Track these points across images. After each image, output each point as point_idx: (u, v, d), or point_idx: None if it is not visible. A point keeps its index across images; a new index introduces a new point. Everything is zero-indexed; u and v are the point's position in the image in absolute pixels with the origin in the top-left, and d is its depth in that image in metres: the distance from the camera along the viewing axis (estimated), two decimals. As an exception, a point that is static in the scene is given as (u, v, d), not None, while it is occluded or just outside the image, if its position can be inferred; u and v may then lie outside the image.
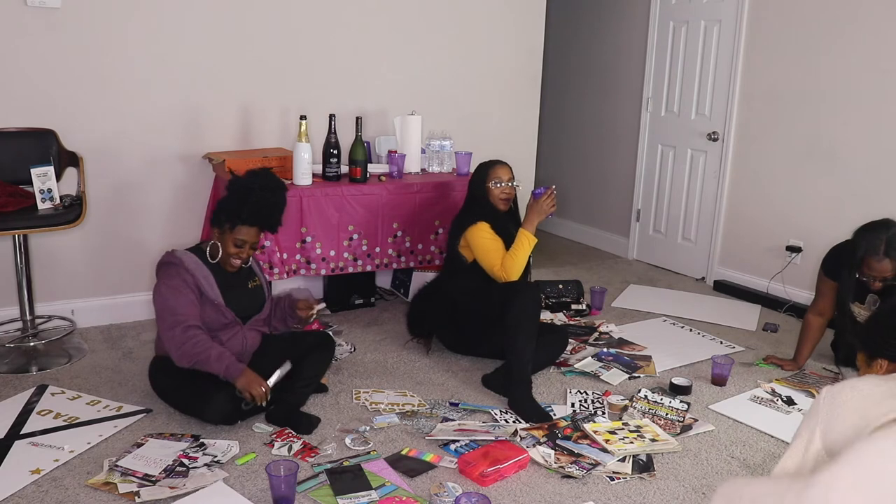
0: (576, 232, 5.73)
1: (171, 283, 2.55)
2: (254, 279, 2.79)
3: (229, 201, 2.61)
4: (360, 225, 3.52)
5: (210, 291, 2.59)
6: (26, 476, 2.28)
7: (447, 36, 4.18)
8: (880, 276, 2.93)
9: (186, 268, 2.56)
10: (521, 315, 2.93)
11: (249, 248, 2.64)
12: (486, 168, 3.27)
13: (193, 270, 2.57)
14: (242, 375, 2.50)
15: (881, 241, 2.89)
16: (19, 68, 3.18)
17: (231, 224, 2.58)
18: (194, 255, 2.62)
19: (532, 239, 3.14)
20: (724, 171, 4.57)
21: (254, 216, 2.60)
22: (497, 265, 3.11)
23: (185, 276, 2.55)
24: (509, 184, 3.23)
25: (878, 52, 3.79)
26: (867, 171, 3.90)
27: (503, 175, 3.23)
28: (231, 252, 2.61)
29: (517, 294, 2.98)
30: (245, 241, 2.61)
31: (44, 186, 3.00)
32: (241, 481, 2.29)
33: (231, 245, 2.61)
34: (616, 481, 2.38)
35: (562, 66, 5.66)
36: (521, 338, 2.90)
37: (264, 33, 3.66)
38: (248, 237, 2.61)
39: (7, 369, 3.04)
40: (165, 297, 2.53)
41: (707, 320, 3.98)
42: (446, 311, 3.24)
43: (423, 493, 2.26)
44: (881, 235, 2.91)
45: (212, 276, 2.61)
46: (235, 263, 2.64)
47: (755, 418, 2.86)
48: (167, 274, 2.58)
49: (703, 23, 4.61)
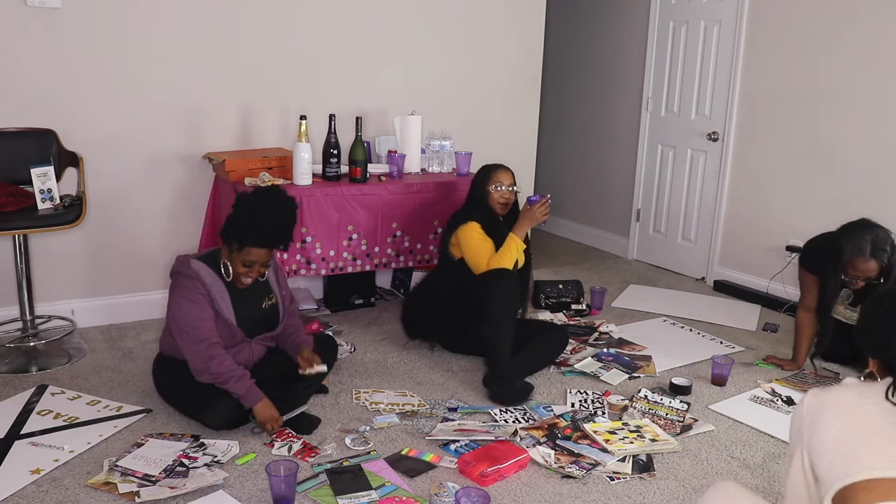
0: (576, 232, 5.73)
1: (190, 296, 2.50)
2: (270, 296, 2.72)
3: (236, 221, 2.52)
4: (359, 225, 3.52)
5: (225, 310, 2.55)
6: (26, 476, 2.28)
7: (447, 36, 4.18)
8: (864, 276, 2.97)
9: (203, 282, 2.52)
10: (497, 302, 2.97)
11: (261, 267, 2.57)
12: (489, 171, 3.28)
13: (210, 287, 2.53)
14: (260, 405, 2.48)
15: (867, 243, 2.93)
16: (19, 68, 3.18)
17: (239, 245, 2.52)
18: (210, 270, 2.56)
19: (520, 244, 3.16)
20: (724, 171, 4.57)
21: (262, 239, 2.51)
22: (483, 265, 3.14)
23: (203, 290, 2.51)
24: (510, 189, 3.25)
25: (878, 52, 3.79)
26: (867, 171, 3.90)
27: (504, 179, 3.25)
28: (241, 272, 2.55)
29: (492, 282, 3.01)
30: (254, 261, 2.53)
31: (44, 186, 3.00)
32: (241, 481, 2.29)
33: (240, 265, 2.54)
34: (616, 481, 2.38)
35: (562, 66, 5.66)
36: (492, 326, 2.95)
37: (264, 33, 3.66)
38: (257, 258, 2.53)
39: (7, 369, 3.04)
40: (186, 311, 2.49)
41: (707, 320, 3.98)
42: (434, 308, 3.26)
43: (423, 493, 2.26)
44: (866, 236, 2.94)
45: (227, 293, 2.56)
46: (246, 282, 2.59)
47: (755, 418, 2.86)
48: (185, 286, 2.53)
49: (703, 23, 4.61)
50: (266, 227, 2.51)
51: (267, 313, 2.72)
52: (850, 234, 2.99)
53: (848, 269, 2.98)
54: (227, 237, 2.54)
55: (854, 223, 3.03)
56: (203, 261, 2.59)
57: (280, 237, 2.57)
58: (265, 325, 2.72)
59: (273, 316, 2.74)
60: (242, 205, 2.54)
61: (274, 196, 2.57)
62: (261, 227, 2.50)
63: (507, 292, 3.03)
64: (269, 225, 2.51)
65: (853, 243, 2.95)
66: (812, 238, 3.29)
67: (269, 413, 2.50)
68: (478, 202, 3.27)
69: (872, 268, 2.94)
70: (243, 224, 2.50)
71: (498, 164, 3.33)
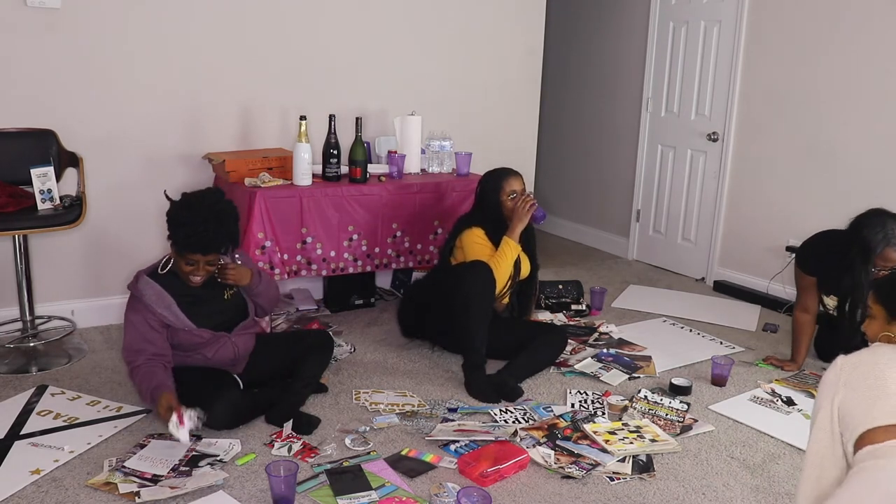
0: (576, 232, 5.73)
1: (128, 315, 2.51)
2: (231, 287, 2.67)
3: (168, 227, 2.46)
4: (360, 225, 3.52)
5: (175, 321, 2.51)
6: (26, 476, 2.28)
7: (447, 36, 4.18)
8: (889, 265, 2.92)
9: (146, 304, 2.48)
10: (468, 292, 2.97)
11: (205, 266, 2.49)
12: (499, 179, 3.22)
13: (153, 305, 2.47)
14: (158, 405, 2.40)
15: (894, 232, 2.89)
16: (19, 68, 3.18)
17: (177, 248, 2.47)
18: (156, 285, 2.50)
19: (515, 245, 3.14)
20: (724, 171, 4.57)
21: (189, 246, 2.43)
22: None
23: (145, 312, 2.48)
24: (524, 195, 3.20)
25: (878, 52, 3.79)
26: (867, 171, 3.90)
27: (517, 187, 3.21)
28: (185, 271, 2.49)
29: (465, 272, 3.01)
30: (196, 261, 2.46)
31: (44, 187, 3.00)
32: (241, 482, 2.29)
33: (183, 264, 2.48)
34: (616, 482, 2.38)
35: (562, 67, 5.66)
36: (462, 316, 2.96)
37: (264, 33, 3.66)
38: (198, 258, 2.46)
39: (7, 370, 3.04)
40: (124, 331, 2.52)
41: (707, 320, 3.98)
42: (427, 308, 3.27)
43: (423, 493, 2.26)
44: (891, 226, 2.90)
45: (174, 303, 2.51)
46: (196, 281, 2.51)
47: (755, 419, 2.86)
48: (129, 305, 2.53)
49: (703, 23, 4.61)
50: (192, 239, 2.41)
51: (232, 304, 2.68)
52: (874, 226, 2.93)
53: (878, 260, 2.93)
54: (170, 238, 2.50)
55: (868, 215, 2.98)
56: (154, 272, 2.54)
57: (212, 245, 2.44)
58: (234, 316, 2.69)
59: (239, 303, 2.71)
60: (169, 212, 2.47)
61: (198, 203, 2.46)
62: (187, 239, 2.42)
63: (480, 283, 3.00)
64: (196, 237, 2.41)
65: (882, 234, 2.90)
66: (808, 239, 3.29)
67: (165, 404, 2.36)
68: (490, 211, 3.22)
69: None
70: (171, 232, 2.46)
71: (507, 170, 3.27)
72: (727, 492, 2.37)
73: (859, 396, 1.50)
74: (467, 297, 2.97)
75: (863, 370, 1.52)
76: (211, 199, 2.50)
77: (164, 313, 2.50)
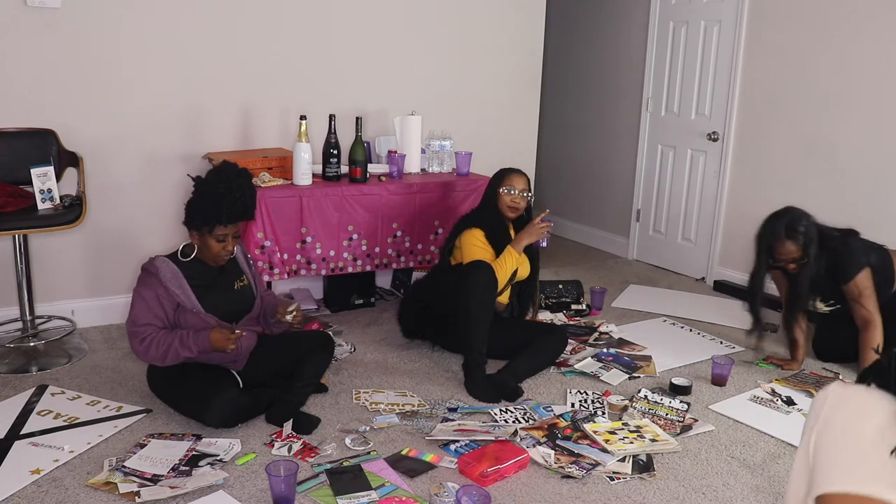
0: (576, 232, 5.73)
1: (140, 290, 2.54)
2: (241, 279, 2.74)
3: (202, 206, 2.54)
4: (360, 225, 3.52)
5: (186, 301, 2.55)
6: (26, 476, 2.28)
7: (447, 36, 4.18)
8: (788, 257, 3.04)
9: (160, 279, 2.53)
10: (471, 294, 2.97)
11: (233, 238, 2.60)
12: (502, 174, 3.26)
13: (167, 282, 2.53)
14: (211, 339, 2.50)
15: (781, 226, 3.02)
16: (19, 68, 3.18)
17: (209, 227, 2.54)
18: (172, 265, 2.57)
19: (516, 256, 3.14)
20: (724, 171, 4.57)
21: (232, 216, 2.56)
22: None
23: (158, 288, 2.52)
24: (521, 194, 3.21)
25: (878, 52, 3.79)
26: (867, 171, 3.90)
27: (517, 184, 3.22)
28: (216, 250, 2.57)
29: (468, 273, 3.01)
30: (226, 234, 2.57)
31: (44, 186, 3.01)
32: (241, 481, 2.29)
33: (214, 242, 2.56)
34: (616, 481, 2.38)
35: (562, 67, 5.66)
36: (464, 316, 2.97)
37: (264, 33, 3.66)
38: (229, 230, 2.57)
39: (7, 369, 3.04)
40: (131, 306, 2.54)
41: (707, 320, 3.98)
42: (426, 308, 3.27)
43: (423, 493, 2.26)
44: (781, 220, 3.04)
45: (188, 284, 2.56)
46: (225, 257, 2.62)
47: (755, 418, 2.86)
48: (140, 281, 2.57)
49: (703, 23, 4.61)
50: (234, 206, 2.54)
51: (241, 294, 2.72)
52: (768, 221, 3.09)
53: (773, 254, 3.06)
54: (194, 222, 2.56)
55: (775, 212, 3.11)
56: (171, 256, 2.61)
57: (248, 211, 2.62)
58: (242, 306, 2.72)
59: (247, 294, 2.74)
60: (200, 190, 2.56)
61: (233, 176, 2.57)
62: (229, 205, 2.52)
63: (481, 283, 3.00)
64: (238, 204, 2.55)
65: (768, 229, 3.06)
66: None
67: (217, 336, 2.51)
68: (487, 205, 3.25)
69: (791, 248, 3.02)
70: (212, 207, 2.52)
71: (513, 169, 3.30)
72: (727, 491, 2.37)
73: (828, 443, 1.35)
74: (468, 296, 2.97)
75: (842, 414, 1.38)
76: (234, 169, 2.61)
77: (177, 291, 2.54)
